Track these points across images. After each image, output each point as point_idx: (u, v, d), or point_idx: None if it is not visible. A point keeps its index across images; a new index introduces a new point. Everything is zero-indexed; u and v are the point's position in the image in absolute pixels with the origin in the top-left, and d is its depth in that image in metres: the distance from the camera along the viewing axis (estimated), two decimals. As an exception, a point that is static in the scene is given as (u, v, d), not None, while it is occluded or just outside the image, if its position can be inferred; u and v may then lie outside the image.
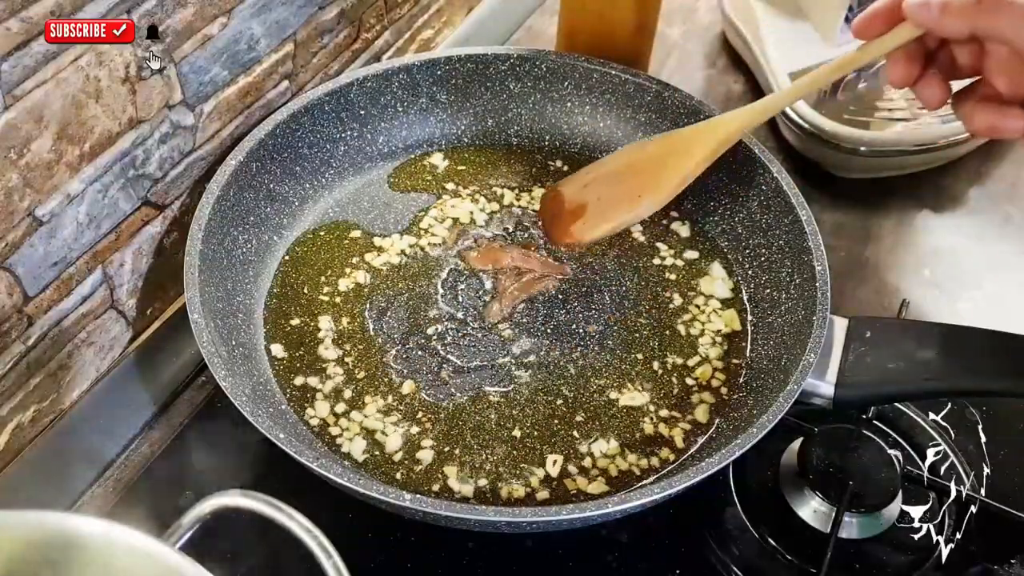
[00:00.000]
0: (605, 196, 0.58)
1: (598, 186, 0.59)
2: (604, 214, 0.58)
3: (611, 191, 0.58)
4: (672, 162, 0.56)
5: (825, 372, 0.62)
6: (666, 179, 0.56)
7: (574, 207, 0.59)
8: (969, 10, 0.46)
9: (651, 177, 0.57)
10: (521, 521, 0.54)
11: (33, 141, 0.53)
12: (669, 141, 0.58)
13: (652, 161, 0.57)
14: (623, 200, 0.58)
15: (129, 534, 0.42)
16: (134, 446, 0.68)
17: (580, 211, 0.58)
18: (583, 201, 0.59)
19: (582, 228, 0.58)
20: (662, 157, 0.57)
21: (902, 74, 0.51)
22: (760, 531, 0.64)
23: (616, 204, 0.58)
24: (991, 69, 0.49)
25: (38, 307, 0.58)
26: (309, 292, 0.72)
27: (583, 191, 0.59)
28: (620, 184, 0.58)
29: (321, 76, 0.78)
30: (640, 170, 0.58)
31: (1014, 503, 0.65)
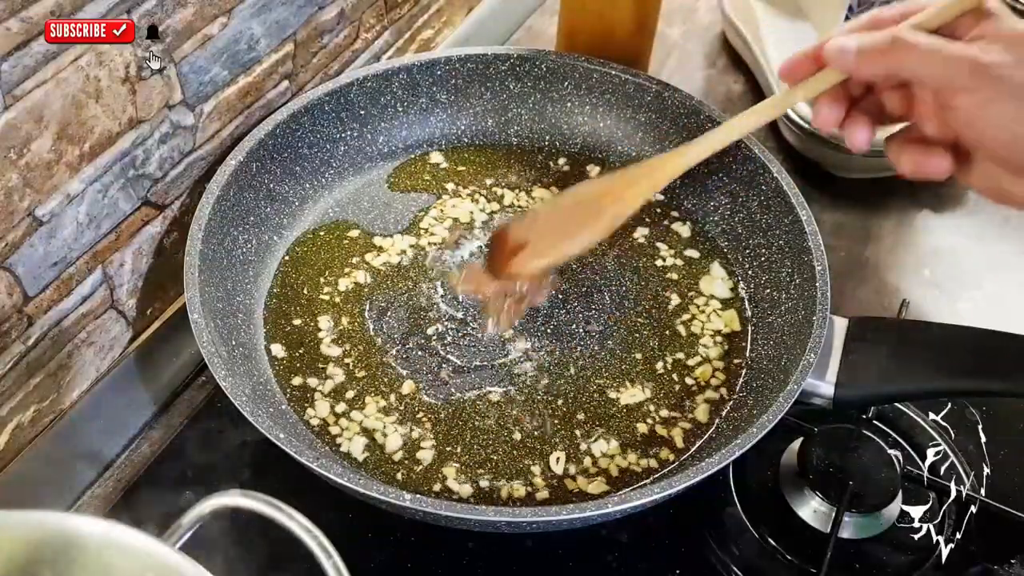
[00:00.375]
0: (545, 233, 0.62)
1: (541, 225, 0.63)
2: (541, 250, 0.61)
3: (551, 229, 0.62)
4: (607, 203, 0.60)
5: (825, 372, 0.62)
6: (602, 219, 0.60)
7: (517, 244, 0.61)
8: (882, 52, 0.48)
9: (588, 216, 0.60)
10: (521, 521, 0.54)
11: (33, 141, 0.53)
12: (608, 183, 0.61)
13: (590, 201, 0.61)
14: (560, 237, 0.61)
15: (129, 534, 0.42)
16: (134, 446, 0.68)
17: (520, 248, 0.61)
18: (525, 239, 0.61)
19: (519, 262, 0.61)
20: (599, 197, 0.61)
21: (826, 117, 0.52)
22: (760, 531, 0.64)
23: (554, 241, 0.61)
24: (918, 113, 0.50)
25: (38, 307, 0.58)
26: (309, 292, 0.72)
27: (527, 230, 0.62)
28: (560, 222, 0.62)
29: (321, 76, 0.78)
30: (579, 209, 0.61)
31: (1014, 503, 0.65)
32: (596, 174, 0.82)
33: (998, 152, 0.47)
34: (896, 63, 0.47)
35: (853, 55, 0.49)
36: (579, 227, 0.60)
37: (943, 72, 0.46)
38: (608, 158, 0.83)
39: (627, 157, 0.82)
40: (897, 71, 0.48)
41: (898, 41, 0.47)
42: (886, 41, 0.47)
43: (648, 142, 0.81)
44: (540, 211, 0.66)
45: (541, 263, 0.61)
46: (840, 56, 0.49)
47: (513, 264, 0.61)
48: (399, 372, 0.68)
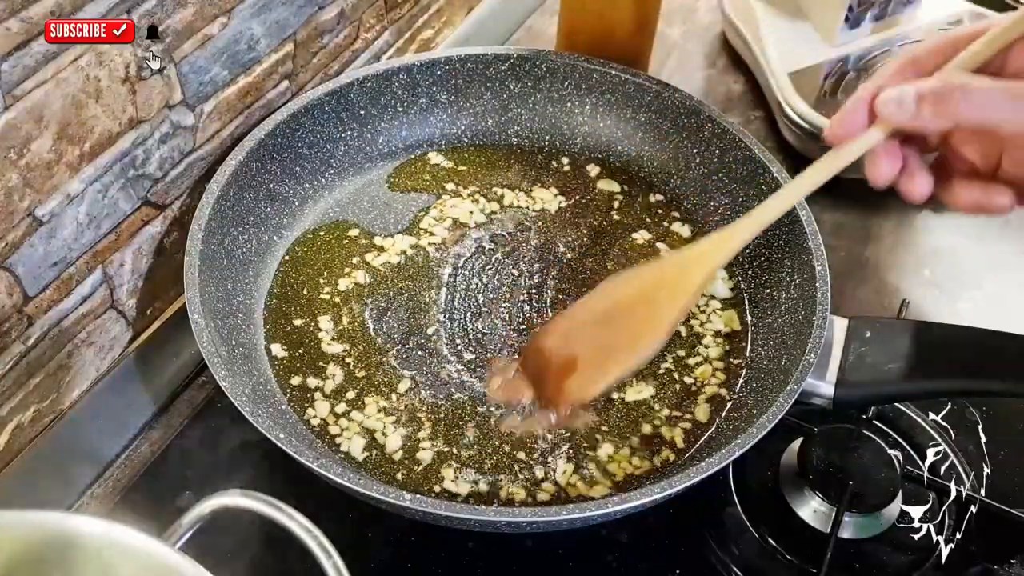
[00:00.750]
0: (597, 345, 0.53)
1: (584, 335, 0.54)
2: (601, 366, 0.53)
3: (602, 338, 0.53)
4: (665, 296, 0.51)
5: (825, 372, 0.62)
6: (663, 316, 0.51)
7: (562, 362, 0.53)
8: (942, 102, 0.44)
9: (646, 316, 0.52)
10: (521, 521, 0.54)
11: (33, 141, 0.53)
12: (658, 273, 0.54)
13: (642, 298, 0.53)
14: (619, 346, 0.53)
15: (129, 534, 0.42)
16: (134, 446, 0.68)
17: (571, 366, 0.53)
18: (571, 354, 0.53)
19: (579, 385, 0.53)
20: (652, 292, 0.52)
21: (885, 171, 0.48)
22: (760, 531, 0.64)
23: (612, 352, 0.53)
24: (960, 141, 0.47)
25: (38, 307, 0.58)
26: (309, 292, 0.72)
27: (567, 342, 0.54)
28: (610, 328, 0.53)
29: (321, 76, 0.78)
30: (630, 310, 0.53)
31: (1014, 503, 0.65)
32: (596, 174, 0.82)
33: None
34: (961, 113, 0.44)
35: (912, 108, 0.45)
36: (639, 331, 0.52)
37: (1014, 116, 0.43)
38: (608, 158, 0.83)
39: (627, 157, 0.82)
40: (963, 121, 0.45)
41: (957, 88, 0.44)
42: (944, 90, 0.44)
43: (648, 142, 0.81)
44: (572, 319, 0.57)
45: (605, 383, 0.53)
46: (898, 110, 0.45)
47: (570, 388, 0.54)
48: (399, 372, 0.68)
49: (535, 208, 0.79)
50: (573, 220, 0.79)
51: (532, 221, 0.78)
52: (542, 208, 0.79)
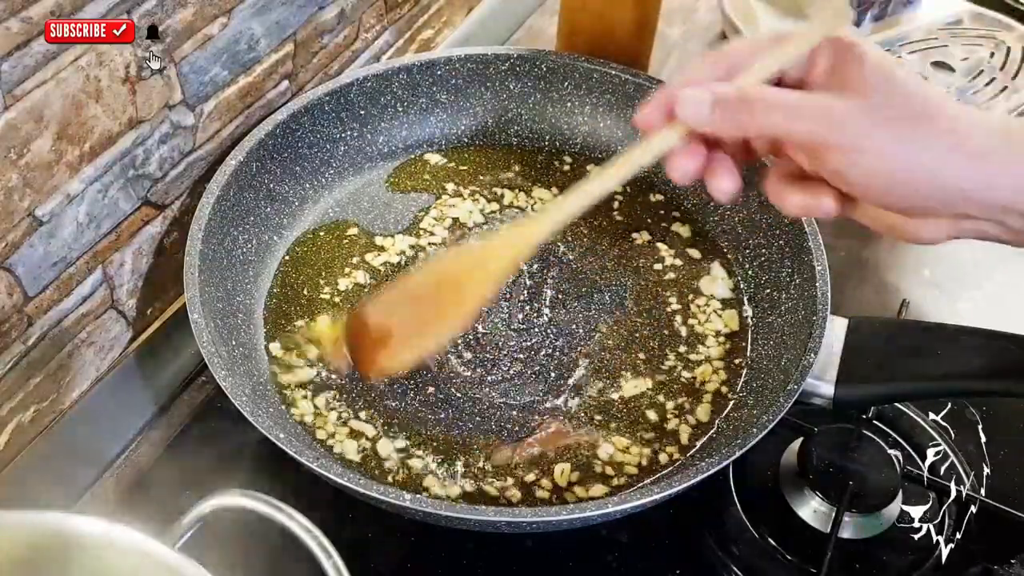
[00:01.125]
0: (409, 320, 0.55)
1: (402, 309, 0.56)
2: (407, 340, 0.55)
3: (414, 315, 0.55)
4: (468, 280, 0.53)
5: (825, 372, 0.62)
6: (469, 297, 0.53)
7: (379, 334, 0.56)
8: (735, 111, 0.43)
9: (453, 299, 0.54)
10: (521, 521, 0.54)
11: (33, 141, 0.53)
12: (469, 259, 0.55)
13: (452, 280, 0.55)
14: (425, 323, 0.55)
15: (129, 534, 0.42)
16: (134, 446, 0.68)
17: (385, 339, 0.55)
18: (388, 327, 0.55)
19: (387, 357, 0.56)
20: (465, 273, 0.54)
21: (682, 168, 0.47)
22: (760, 531, 0.64)
23: (419, 328, 0.55)
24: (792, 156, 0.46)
25: (38, 307, 0.58)
26: (309, 292, 0.72)
27: (387, 317, 0.56)
28: (422, 306, 0.55)
29: (321, 76, 0.78)
30: (441, 290, 0.55)
31: (1014, 503, 0.65)
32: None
33: (878, 201, 0.44)
34: (753, 124, 0.44)
35: (706, 113, 0.44)
36: (442, 313, 0.54)
37: (804, 129, 0.43)
38: (608, 158, 0.83)
39: (627, 157, 0.82)
40: (755, 132, 0.44)
41: (749, 99, 0.43)
42: (739, 99, 0.43)
43: (648, 142, 0.81)
44: (398, 292, 0.59)
45: (406, 358, 0.56)
46: (694, 112, 0.44)
47: (379, 361, 0.56)
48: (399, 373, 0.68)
49: (535, 208, 0.79)
50: (573, 220, 0.78)
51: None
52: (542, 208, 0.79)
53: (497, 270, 0.52)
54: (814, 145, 0.43)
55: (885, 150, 0.42)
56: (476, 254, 0.55)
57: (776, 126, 0.43)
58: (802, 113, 0.43)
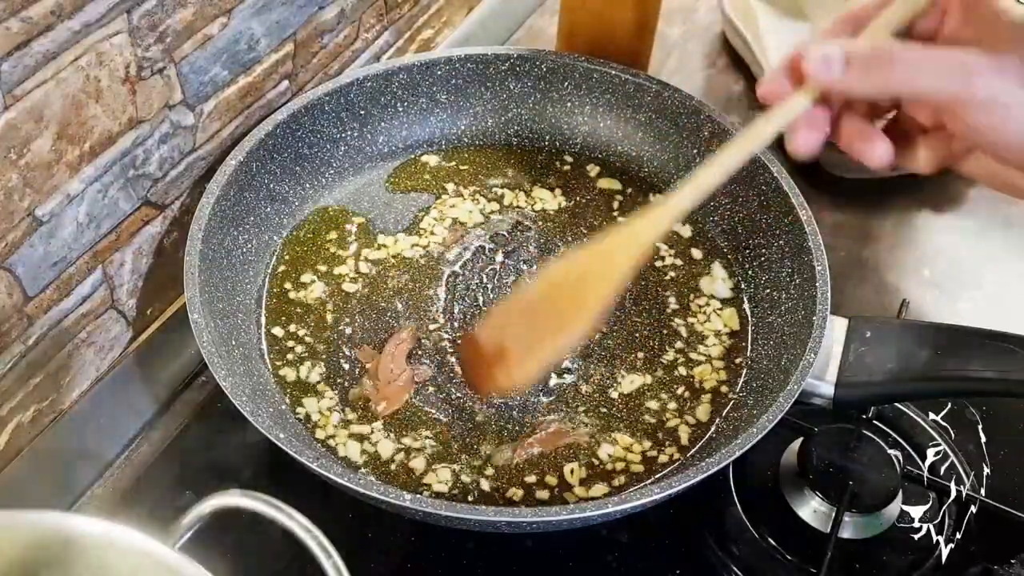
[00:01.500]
0: (526, 335, 0.53)
1: (516, 326, 0.54)
2: (529, 352, 0.53)
3: (531, 328, 0.53)
4: (592, 282, 0.51)
5: (825, 372, 0.62)
6: (588, 304, 0.51)
7: (494, 352, 0.53)
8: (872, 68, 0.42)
9: (571, 305, 0.51)
10: (521, 521, 0.54)
11: (33, 141, 0.53)
12: (584, 262, 0.53)
13: (569, 289, 0.52)
14: (546, 334, 0.52)
15: (129, 534, 0.42)
16: (134, 446, 0.68)
17: (502, 356, 0.53)
18: (503, 345, 0.53)
19: (507, 372, 0.53)
20: (581, 279, 0.52)
21: (806, 141, 0.45)
22: (760, 531, 0.64)
23: (540, 340, 0.52)
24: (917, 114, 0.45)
25: (38, 307, 0.58)
26: (310, 291, 0.72)
27: (500, 334, 0.54)
28: (539, 319, 0.53)
29: (321, 76, 0.78)
30: (557, 301, 0.52)
31: (1014, 503, 0.65)
32: (596, 174, 0.82)
33: (1009, 157, 0.42)
34: (889, 82, 0.42)
35: (839, 69, 0.42)
36: (561, 320, 0.52)
37: (942, 86, 0.41)
38: (608, 158, 0.83)
39: (627, 157, 0.82)
40: (891, 90, 0.43)
41: (883, 55, 0.42)
42: (872, 56, 0.42)
43: (648, 142, 0.81)
44: (510, 309, 0.57)
45: (527, 373, 0.53)
46: (825, 69, 0.42)
47: (496, 380, 0.54)
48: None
49: (535, 208, 0.79)
50: (573, 220, 0.79)
51: (532, 221, 0.78)
52: (542, 208, 0.79)
53: (615, 271, 0.50)
54: (954, 102, 0.41)
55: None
56: (591, 257, 0.52)
57: (913, 83, 0.41)
58: (940, 69, 0.41)
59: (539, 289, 0.55)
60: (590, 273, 0.51)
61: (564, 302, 0.52)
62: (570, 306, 0.51)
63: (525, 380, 0.54)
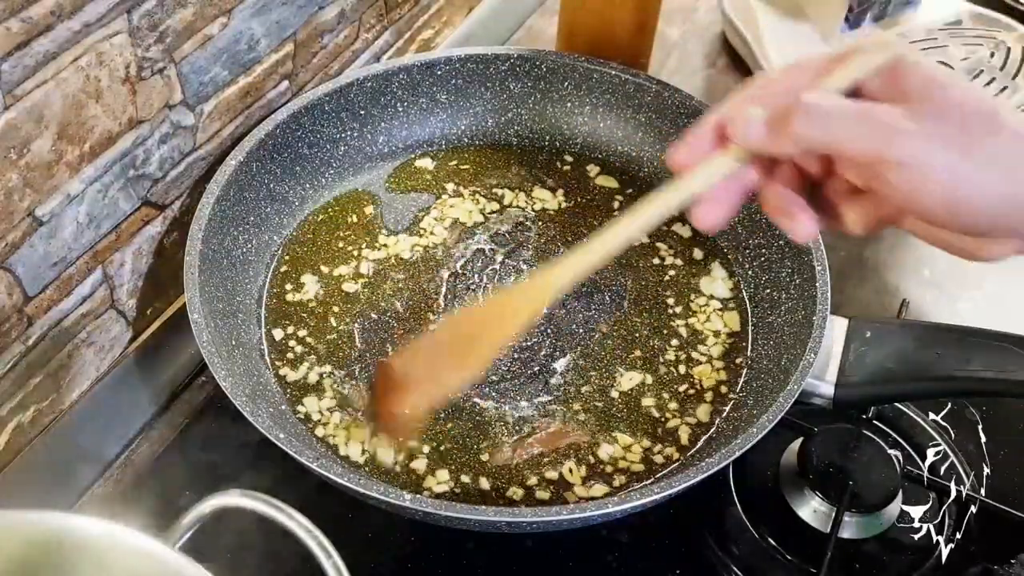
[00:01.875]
0: (431, 367, 0.55)
1: (425, 358, 0.56)
2: (427, 386, 0.55)
3: (437, 362, 0.56)
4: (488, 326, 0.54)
5: (825, 372, 0.62)
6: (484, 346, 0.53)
7: (404, 381, 0.55)
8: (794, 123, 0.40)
9: (465, 347, 0.54)
10: (521, 521, 0.54)
11: (33, 141, 0.53)
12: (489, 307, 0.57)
13: (472, 330, 0.55)
14: (445, 369, 0.55)
15: (129, 534, 0.42)
16: (134, 446, 0.68)
17: (409, 385, 0.55)
18: (412, 375, 0.55)
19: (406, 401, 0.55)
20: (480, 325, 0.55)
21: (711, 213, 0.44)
22: (760, 531, 0.64)
23: (439, 374, 0.55)
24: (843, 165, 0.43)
25: (38, 307, 0.58)
26: (310, 291, 0.72)
27: (412, 365, 0.56)
28: (444, 354, 0.55)
29: (321, 76, 0.78)
30: (463, 339, 0.55)
31: (1014, 503, 0.65)
32: (596, 174, 0.82)
33: (941, 221, 0.42)
34: (802, 131, 0.41)
35: (760, 128, 0.41)
36: (455, 360, 0.54)
37: (864, 142, 0.40)
38: (608, 158, 0.83)
39: (627, 157, 0.82)
40: (811, 144, 0.41)
41: (812, 108, 0.40)
42: (799, 109, 0.40)
43: (648, 142, 0.81)
44: (423, 345, 0.60)
45: (425, 400, 0.55)
46: (746, 130, 0.42)
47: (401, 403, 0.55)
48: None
49: (535, 208, 0.79)
50: (573, 220, 0.79)
51: (532, 221, 0.78)
52: (542, 208, 0.79)
53: (513, 319, 0.52)
54: (875, 160, 0.40)
55: (949, 167, 0.39)
56: (496, 303, 0.57)
57: (833, 137, 0.41)
58: (861, 126, 0.40)
59: (447, 328, 0.61)
60: (491, 317, 0.54)
61: (464, 342, 0.54)
62: (469, 346, 0.54)
63: (416, 411, 0.55)
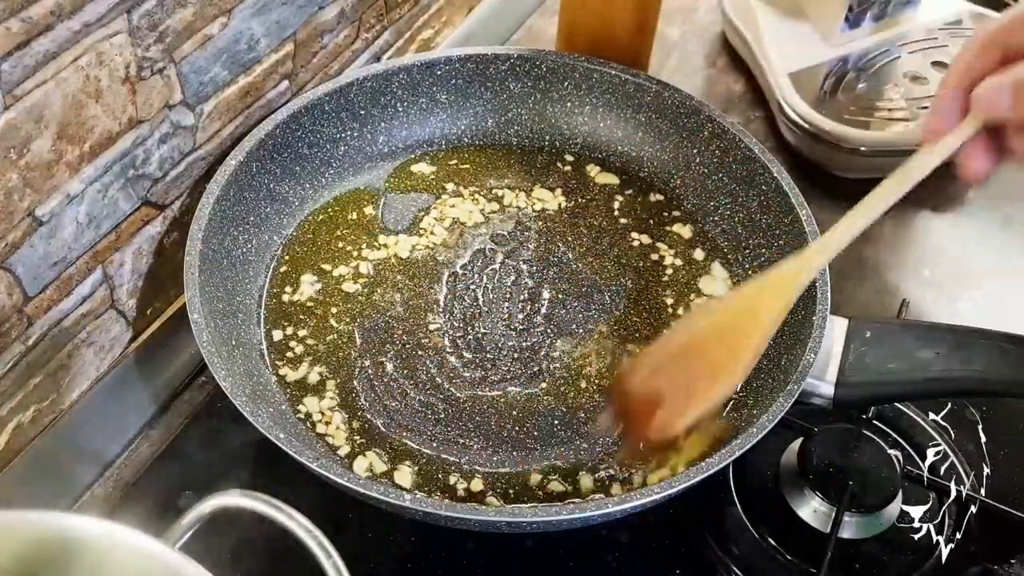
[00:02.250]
0: (679, 380, 0.52)
1: (667, 370, 0.52)
2: (685, 400, 0.51)
3: (684, 373, 0.52)
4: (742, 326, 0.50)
5: (825, 372, 0.62)
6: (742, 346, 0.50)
7: (647, 397, 0.52)
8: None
9: (724, 348, 0.50)
10: (521, 521, 0.54)
11: (33, 141, 0.53)
12: (736, 303, 0.53)
13: (722, 330, 0.51)
14: (700, 379, 0.51)
15: (129, 534, 0.42)
16: (134, 446, 0.68)
17: (655, 403, 0.51)
18: (656, 388, 0.52)
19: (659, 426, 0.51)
20: (730, 323, 0.51)
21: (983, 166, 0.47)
22: (760, 531, 0.64)
23: (694, 385, 0.51)
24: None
25: (38, 307, 0.58)
26: (310, 291, 0.72)
27: (651, 379, 0.53)
28: (691, 362, 0.51)
29: (321, 76, 0.78)
30: (710, 343, 0.51)
31: (1014, 503, 0.65)
32: (596, 174, 0.82)
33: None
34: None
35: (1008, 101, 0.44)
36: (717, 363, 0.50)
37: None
38: (608, 158, 0.83)
39: (627, 157, 0.82)
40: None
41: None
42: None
43: (648, 142, 0.81)
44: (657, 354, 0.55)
45: (684, 422, 0.51)
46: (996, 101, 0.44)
47: (654, 429, 0.52)
48: (399, 372, 0.67)
49: (535, 208, 0.79)
50: (573, 220, 0.79)
51: (532, 221, 0.78)
52: (542, 208, 0.79)
53: (767, 317, 0.50)
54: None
55: None
56: (740, 301, 0.52)
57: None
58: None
59: (685, 333, 0.55)
60: (740, 319, 0.51)
61: (714, 348, 0.51)
62: (721, 353, 0.50)
63: (679, 429, 0.52)
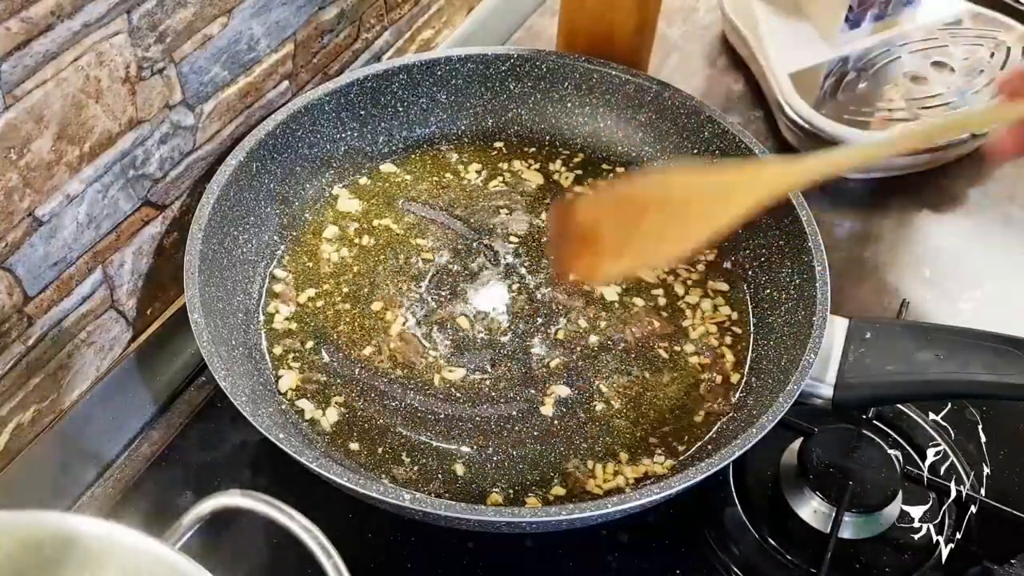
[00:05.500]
0: (623, 231, 0.49)
1: (618, 217, 0.50)
2: (621, 252, 0.49)
3: (631, 225, 0.49)
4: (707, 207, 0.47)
5: (825, 372, 0.62)
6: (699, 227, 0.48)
7: (586, 234, 0.49)
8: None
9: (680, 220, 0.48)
10: (521, 521, 0.54)
11: (33, 141, 0.53)
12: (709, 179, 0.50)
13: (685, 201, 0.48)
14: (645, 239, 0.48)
15: (129, 534, 0.42)
16: (134, 446, 0.68)
17: (593, 241, 0.49)
18: (598, 230, 0.49)
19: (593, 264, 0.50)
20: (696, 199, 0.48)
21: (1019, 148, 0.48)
22: (760, 531, 0.64)
23: (636, 242, 0.49)
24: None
25: (38, 307, 0.58)
26: (309, 291, 0.72)
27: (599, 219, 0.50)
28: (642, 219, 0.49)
29: (321, 76, 0.78)
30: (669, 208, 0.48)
31: (1014, 503, 0.65)
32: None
33: None
34: None
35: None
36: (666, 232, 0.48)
37: None
38: (608, 158, 0.83)
39: (627, 157, 0.82)
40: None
41: None
42: None
43: (648, 142, 0.81)
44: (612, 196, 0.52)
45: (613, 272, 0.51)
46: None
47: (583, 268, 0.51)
48: (395, 369, 0.68)
49: (534, 208, 0.79)
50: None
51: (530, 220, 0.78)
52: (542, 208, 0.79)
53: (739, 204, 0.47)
54: None
55: None
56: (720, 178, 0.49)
57: None
58: None
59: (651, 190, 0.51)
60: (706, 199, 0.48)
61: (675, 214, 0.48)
62: (674, 224, 0.48)
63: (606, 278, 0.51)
